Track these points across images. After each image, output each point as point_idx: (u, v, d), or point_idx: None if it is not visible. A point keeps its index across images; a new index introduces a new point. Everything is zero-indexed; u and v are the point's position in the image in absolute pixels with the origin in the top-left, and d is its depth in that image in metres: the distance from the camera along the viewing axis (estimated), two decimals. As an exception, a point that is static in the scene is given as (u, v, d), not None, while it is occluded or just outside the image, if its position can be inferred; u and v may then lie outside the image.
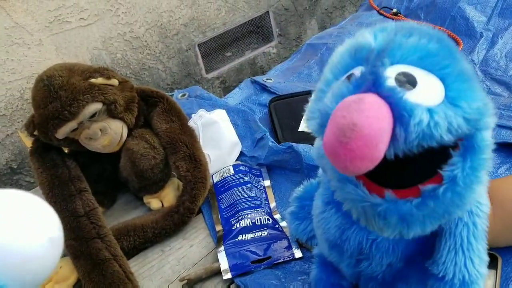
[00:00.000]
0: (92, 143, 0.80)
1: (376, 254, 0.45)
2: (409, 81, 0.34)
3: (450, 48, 0.37)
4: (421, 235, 0.40)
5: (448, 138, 0.33)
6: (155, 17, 1.29)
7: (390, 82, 0.34)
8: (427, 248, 0.44)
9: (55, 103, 0.74)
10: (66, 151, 0.85)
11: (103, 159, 0.86)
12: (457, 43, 1.09)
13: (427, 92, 0.34)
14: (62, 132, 0.76)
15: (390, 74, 0.34)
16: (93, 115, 0.78)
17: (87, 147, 0.81)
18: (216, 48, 1.50)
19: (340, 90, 0.36)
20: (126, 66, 1.30)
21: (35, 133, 0.79)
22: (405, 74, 0.34)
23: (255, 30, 1.59)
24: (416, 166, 0.36)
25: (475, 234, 0.40)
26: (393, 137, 0.32)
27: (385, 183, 0.37)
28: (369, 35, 0.38)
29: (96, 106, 0.77)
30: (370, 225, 0.40)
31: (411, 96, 0.33)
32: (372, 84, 0.34)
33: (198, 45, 1.42)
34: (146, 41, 1.31)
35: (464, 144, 0.35)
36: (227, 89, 1.52)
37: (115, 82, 0.80)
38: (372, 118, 0.31)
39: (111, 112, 0.79)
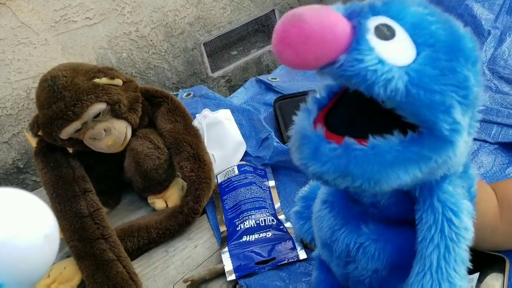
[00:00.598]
0: (96, 143, 0.80)
1: (362, 258, 0.45)
2: (386, 33, 0.34)
3: (455, 45, 0.36)
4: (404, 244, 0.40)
5: (379, 91, 0.33)
6: (160, 16, 1.29)
7: (368, 22, 0.34)
8: (412, 261, 0.43)
9: (59, 103, 0.74)
10: (70, 151, 0.85)
11: (107, 159, 0.85)
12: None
13: (395, 51, 0.34)
14: (66, 132, 0.76)
15: (376, 20, 0.34)
16: (97, 115, 0.77)
17: (91, 147, 0.81)
18: (222, 47, 1.49)
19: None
20: (132, 65, 1.30)
21: (40, 133, 0.79)
22: (387, 26, 0.34)
23: (261, 29, 1.58)
24: (359, 120, 0.38)
25: (446, 258, 0.39)
26: (335, 61, 0.33)
27: (327, 121, 0.38)
28: None
29: (100, 106, 0.77)
30: (293, 145, 0.39)
31: (375, 42, 0.33)
32: (354, 14, 0.34)
33: (203, 44, 1.41)
34: (151, 40, 1.31)
35: (413, 136, 0.35)
36: (232, 88, 1.52)
37: (119, 82, 0.80)
38: (319, 22, 0.32)
39: (115, 112, 0.79)
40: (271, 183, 0.87)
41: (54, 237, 0.46)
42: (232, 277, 0.72)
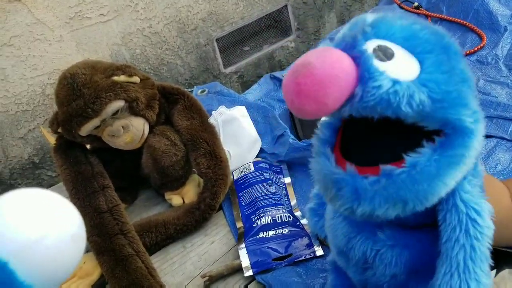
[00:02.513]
0: (114, 140, 0.81)
1: (380, 265, 0.45)
2: (386, 54, 0.35)
3: (445, 45, 0.37)
4: (419, 249, 0.41)
5: (406, 110, 0.33)
6: (173, 12, 1.29)
7: (367, 49, 0.35)
8: (430, 263, 0.43)
9: (78, 101, 0.75)
10: (88, 147, 0.86)
11: (125, 156, 0.86)
12: (481, 37, 1.07)
13: (401, 68, 0.35)
14: (85, 129, 0.77)
15: (371, 45, 0.35)
16: (116, 113, 0.78)
17: (110, 144, 0.82)
18: (234, 42, 1.49)
19: (318, 46, 0.38)
20: (145, 61, 1.30)
21: (59, 130, 0.80)
22: (383, 47, 0.35)
23: (273, 24, 1.58)
24: (383, 145, 0.37)
25: (473, 257, 0.39)
26: (352, 96, 0.34)
27: (350, 157, 0.38)
28: (370, 14, 0.39)
29: (118, 104, 0.77)
30: (326, 194, 0.39)
31: (382, 66, 0.34)
32: (349, 46, 0.35)
33: (216, 39, 1.41)
34: (164, 36, 1.31)
35: (441, 140, 0.36)
36: (245, 84, 1.52)
37: (136, 79, 0.81)
38: (328, 63, 0.32)
39: (133, 109, 0.80)
40: (287, 179, 0.87)
41: (81, 236, 0.47)
42: (249, 272, 0.73)
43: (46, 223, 0.43)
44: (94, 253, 0.76)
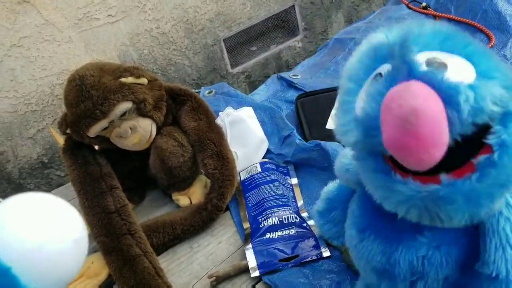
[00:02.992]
0: (122, 141, 0.81)
1: (430, 270, 0.43)
2: (440, 64, 0.34)
3: (462, 32, 0.37)
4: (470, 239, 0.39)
5: (496, 109, 0.32)
6: (181, 13, 1.30)
7: (424, 65, 0.33)
8: (478, 251, 0.42)
9: (87, 102, 0.75)
10: (96, 148, 0.87)
11: (133, 157, 0.87)
12: (489, 38, 1.06)
13: (459, 72, 0.33)
14: (94, 130, 0.78)
15: (422, 61, 0.34)
16: (123, 114, 0.79)
17: (118, 145, 0.82)
18: (242, 42, 1.50)
19: (375, 89, 0.35)
20: (153, 62, 1.31)
21: (68, 131, 0.80)
22: (433, 59, 0.34)
23: (281, 24, 1.58)
24: (464, 142, 0.34)
25: None
26: (448, 121, 0.31)
27: (435, 169, 0.35)
28: (381, 35, 0.38)
29: (126, 105, 0.78)
30: (436, 219, 0.37)
31: (450, 77, 0.32)
32: (407, 73, 0.33)
33: (223, 40, 1.42)
34: (172, 36, 1.32)
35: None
36: (252, 84, 1.52)
37: (144, 81, 0.81)
38: (429, 100, 0.30)
39: (140, 110, 0.80)
40: (294, 180, 0.87)
41: (83, 241, 0.48)
42: (256, 273, 0.73)
43: (48, 229, 0.44)
44: (102, 253, 0.76)
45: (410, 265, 0.43)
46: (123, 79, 0.78)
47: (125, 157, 0.87)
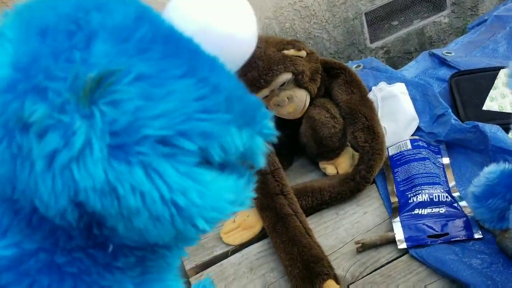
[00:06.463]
0: (279, 110, 0.88)
1: None
2: None
3: None
4: None
5: None
6: (325, -14, 1.31)
7: None
8: None
9: (253, 72, 0.83)
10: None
11: (286, 124, 0.93)
12: None
13: None
14: (257, 98, 0.85)
15: None
16: (283, 84, 0.85)
17: (274, 113, 0.89)
18: (383, 16, 1.47)
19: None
20: (293, 35, 1.35)
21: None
22: None
23: (426, -2, 1.51)
24: None
25: None
26: None
27: None
28: None
29: (286, 76, 0.84)
30: None
31: None
32: None
33: (365, 13, 1.41)
34: (314, 10, 1.34)
35: None
36: (390, 60, 1.49)
37: (303, 53, 0.86)
38: None
39: (298, 81, 0.86)
40: (445, 160, 0.86)
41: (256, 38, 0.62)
42: (403, 245, 0.75)
43: (242, 21, 0.61)
44: (257, 209, 0.85)
45: None
46: (285, 52, 0.84)
47: (279, 125, 0.93)
